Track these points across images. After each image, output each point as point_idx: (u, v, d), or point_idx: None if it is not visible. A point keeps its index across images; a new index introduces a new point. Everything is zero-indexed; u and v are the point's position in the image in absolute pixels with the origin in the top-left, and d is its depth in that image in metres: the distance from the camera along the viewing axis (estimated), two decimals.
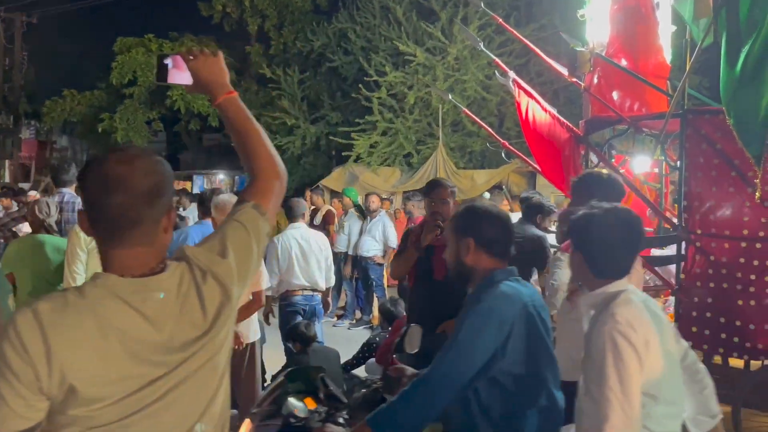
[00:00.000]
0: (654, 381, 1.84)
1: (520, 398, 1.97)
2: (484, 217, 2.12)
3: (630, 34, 4.94)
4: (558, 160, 4.61)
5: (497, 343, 1.93)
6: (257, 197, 1.51)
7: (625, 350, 1.79)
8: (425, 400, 1.90)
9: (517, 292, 2.03)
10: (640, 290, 2.10)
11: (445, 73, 13.07)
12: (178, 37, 19.68)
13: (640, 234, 2.00)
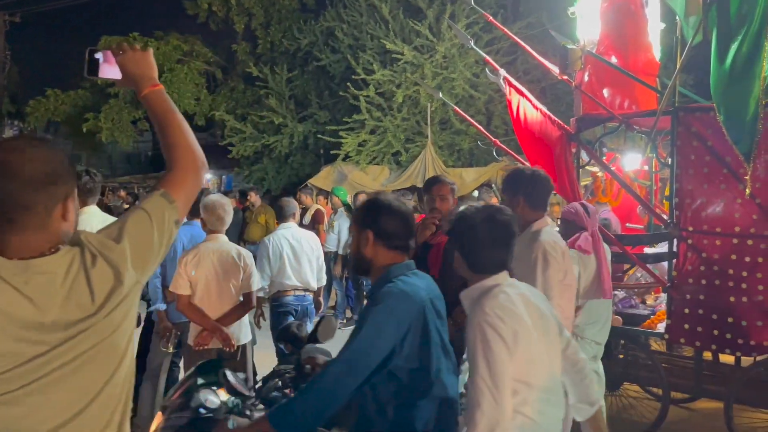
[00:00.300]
0: (527, 369, 1.95)
1: (414, 390, 2.03)
2: (384, 211, 2.15)
3: (620, 32, 4.95)
4: (549, 158, 4.59)
5: (395, 341, 1.99)
6: (169, 186, 1.56)
7: (493, 340, 1.89)
8: (323, 396, 1.94)
9: (414, 288, 2.08)
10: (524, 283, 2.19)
11: (433, 71, 13.05)
12: (164, 35, 19.48)
13: (506, 230, 2.07)
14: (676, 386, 4.62)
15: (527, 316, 2.00)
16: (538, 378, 1.99)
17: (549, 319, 2.12)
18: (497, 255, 2.08)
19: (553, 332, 2.11)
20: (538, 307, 2.09)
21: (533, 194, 3.15)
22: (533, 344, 1.98)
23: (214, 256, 3.83)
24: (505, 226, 2.08)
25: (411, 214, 2.20)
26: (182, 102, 17.63)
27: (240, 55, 18.63)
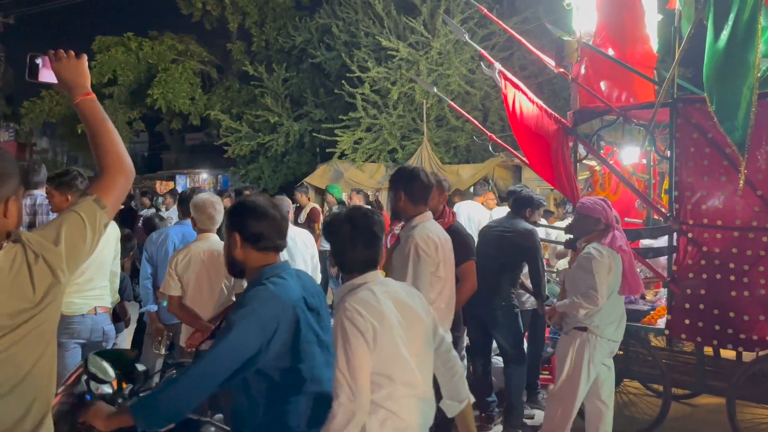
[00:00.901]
0: (389, 363, 2.02)
1: (286, 387, 2.08)
2: (250, 212, 2.18)
3: (617, 23, 4.88)
4: (546, 152, 4.52)
5: (261, 342, 2.01)
6: (100, 191, 1.71)
7: (352, 334, 1.96)
8: (185, 391, 1.99)
9: (284, 289, 2.10)
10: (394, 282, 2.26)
11: (429, 67, 12.97)
12: (158, 35, 19.38)
13: (368, 232, 2.13)
14: (678, 382, 4.55)
15: (393, 313, 2.07)
16: (402, 373, 2.05)
17: (421, 317, 2.18)
18: (361, 255, 2.14)
19: (424, 330, 2.18)
20: (409, 305, 2.16)
21: (413, 190, 3.28)
22: (397, 340, 2.04)
23: (204, 256, 3.74)
24: (366, 227, 2.14)
25: (280, 215, 2.22)
26: (177, 102, 17.55)
27: (235, 54, 18.54)
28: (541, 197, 4.95)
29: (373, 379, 2.01)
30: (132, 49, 18.30)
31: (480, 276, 4.75)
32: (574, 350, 3.79)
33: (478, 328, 4.76)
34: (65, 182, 3.97)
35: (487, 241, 4.80)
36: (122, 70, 18.07)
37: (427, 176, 3.33)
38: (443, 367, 2.27)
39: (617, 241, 3.73)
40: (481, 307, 4.67)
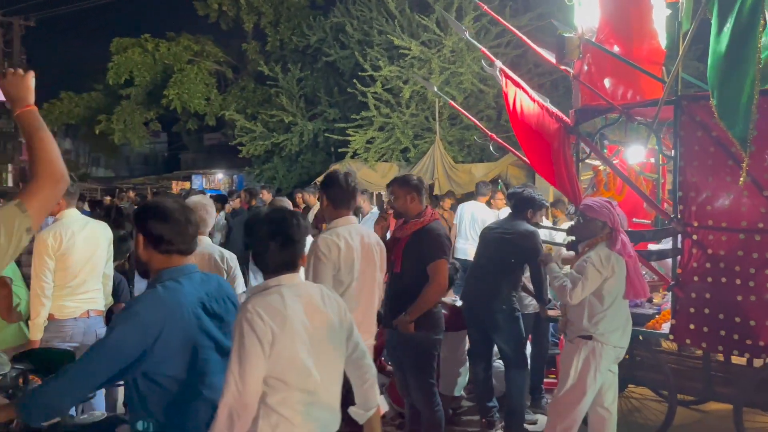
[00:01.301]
0: (286, 368, 2.00)
1: (178, 392, 2.06)
2: (152, 215, 2.18)
3: (622, 19, 4.73)
4: (547, 152, 4.40)
5: (145, 345, 2.00)
6: (24, 196, 1.75)
7: (248, 337, 1.95)
8: (62, 389, 2.01)
9: (174, 294, 2.09)
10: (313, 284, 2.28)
11: (441, 66, 12.86)
12: (175, 36, 19.54)
13: (282, 233, 2.11)
14: (684, 389, 4.41)
15: (300, 317, 2.05)
16: (300, 379, 2.03)
17: (333, 323, 2.16)
18: (277, 257, 2.11)
19: (336, 337, 2.17)
20: (322, 310, 2.14)
21: (333, 195, 3.33)
22: (298, 346, 2.02)
23: (195, 259, 3.68)
24: (282, 229, 2.12)
25: (186, 220, 2.19)
26: (192, 102, 17.67)
27: (250, 54, 18.61)
28: (543, 198, 4.82)
29: (269, 383, 1.99)
30: (149, 50, 18.49)
31: (480, 278, 4.67)
32: (579, 360, 3.69)
33: (479, 331, 4.67)
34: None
35: (487, 243, 4.70)
36: (139, 71, 18.26)
37: (347, 182, 3.35)
38: (354, 373, 2.28)
39: (627, 248, 3.63)
40: (481, 310, 4.58)
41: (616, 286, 3.65)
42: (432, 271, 3.67)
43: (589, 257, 3.63)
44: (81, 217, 4.09)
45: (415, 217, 3.80)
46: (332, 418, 2.15)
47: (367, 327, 3.39)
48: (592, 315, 3.66)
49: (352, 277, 3.24)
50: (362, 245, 3.33)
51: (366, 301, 3.38)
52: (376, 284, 3.44)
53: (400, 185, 3.87)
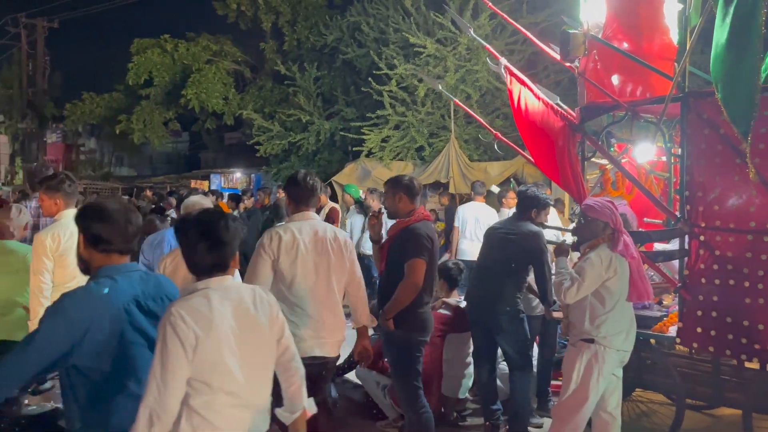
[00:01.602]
0: (209, 371, 2.03)
1: (106, 386, 2.11)
2: (90, 215, 2.26)
3: (631, 14, 4.62)
4: (552, 150, 4.32)
5: (73, 339, 2.05)
6: None
7: (170, 340, 1.98)
8: None
9: (101, 290, 2.15)
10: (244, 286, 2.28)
11: (456, 63, 12.75)
12: (195, 36, 19.68)
13: (212, 235, 2.13)
14: (693, 393, 4.30)
15: (227, 320, 2.08)
16: (224, 382, 2.06)
17: (262, 326, 2.19)
18: (205, 259, 2.14)
19: (265, 339, 2.21)
20: (251, 312, 2.16)
21: (292, 193, 3.51)
22: (223, 349, 2.05)
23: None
24: (211, 231, 2.14)
25: (125, 220, 2.25)
26: (210, 101, 17.77)
27: (268, 53, 18.66)
28: (549, 197, 4.73)
29: (193, 385, 2.02)
30: (168, 50, 18.63)
31: (484, 279, 4.60)
32: (582, 363, 3.62)
33: (483, 332, 4.61)
34: (52, 186, 4.00)
35: (491, 243, 4.63)
36: (158, 72, 18.41)
37: (305, 181, 3.48)
38: (283, 376, 2.32)
39: (628, 249, 3.54)
40: (484, 312, 4.51)
41: (618, 288, 3.56)
42: (407, 269, 3.68)
43: (588, 258, 3.55)
44: None
45: (404, 216, 3.84)
46: (259, 419, 2.18)
47: (327, 321, 3.42)
48: (594, 317, 3.58)
49: (296, 268, 3.32)
50: (314, 239, 3.39)
51: (318, 298, 3.38)
52: (332, 280, 3.43)
53: (391, 185, 3.93)
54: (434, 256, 3.88)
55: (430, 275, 3.82)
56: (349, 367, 5.27)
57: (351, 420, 4.92)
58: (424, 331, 3.85)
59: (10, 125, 29.18)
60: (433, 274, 3.90)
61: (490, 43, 12.84)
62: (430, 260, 3.81)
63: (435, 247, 3.85)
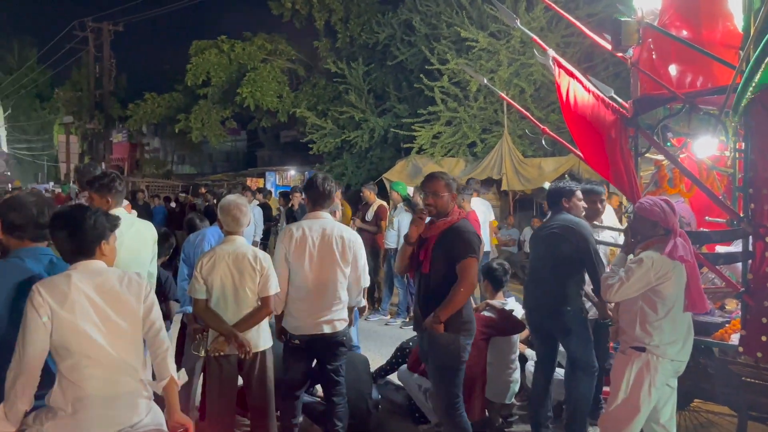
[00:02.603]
0: (68, 338, 2.36)
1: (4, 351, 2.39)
2: (9, 206, 2.67)
3: (690, 0, 4.32)
4: (602, 146, 4.09)
5: None
6: None
7: (29, 310, 2.34)
8: None
9: (10, 268, 2.59)
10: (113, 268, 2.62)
11: (510, 57, 12.45)
12: (251, 36, 20.01)
13: (69, 224, 2.48)
14: (756, 405, 3.99)
15: (89, 296, 2.41)
16: (84, 348, 2.38)
17: (129, 303, 2.50)
18: (66, 245, 2.50)
19: (130, 314, 2.50)
20: (117, 290, 2.49)
21: (310, 195, 4.00)
22: (81, 319, 2.38)
23: (229, 259, 3.69)
24: (66, 222, 2.50)
25: (39, 211, 2.67)
26: (265, 100, 18.02)
27: (321, 51, 18.77)
28: (571, 184, 4.52)
29: (58, 351, 2.37)
30: (224, 51, 19.00)
31: (538, 281, 4.42)
32: (632, 373, 3.41)
33: (543, 337, 4.43)
34: (104, 185, 4.06)
35: (538, 244, 4.46)
36: (215, 72, 18.80)
37: (323, 186, 3.94)
38: (150, 348, 2.59)
39: (677, 251, 3.29)
40: (545, 315, 4.33)
41: (673, 294, 3.33)
42: (461, 270, 3.59)
43: (639, 258, 3.34)
44: (128, 217, 4.17)
45: (444, 215, 3.72)
46: (124, 380, 2.47)
47: (327, 304, 3.91)
48: (645, 324, 3.36)
49: (303, 261, 3.82)
50: (322, 237, 3.88)
51: (321, 285, 3.89)
52: (335, 271, 3.92)
53: (431, 182, 3.79)
54: (480, 254, 3.81)
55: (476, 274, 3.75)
56: (390, 369, 5.18)
57: (393, 422, 4.84)
58: (469, 333, 3.76)
59: (79, 126, 30.52)
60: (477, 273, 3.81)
61: (545, 36, 12.50)
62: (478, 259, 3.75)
63: (482, 245, 3.82)
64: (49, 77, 40.71)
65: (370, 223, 8.31)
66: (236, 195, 3.96)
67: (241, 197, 3.90)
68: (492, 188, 13.62)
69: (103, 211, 2.64)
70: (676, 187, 4.64)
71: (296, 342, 3.92)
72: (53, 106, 37.19)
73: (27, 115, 42.34)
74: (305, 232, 3.87)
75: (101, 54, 26.86)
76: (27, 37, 45.58)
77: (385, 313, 8.34)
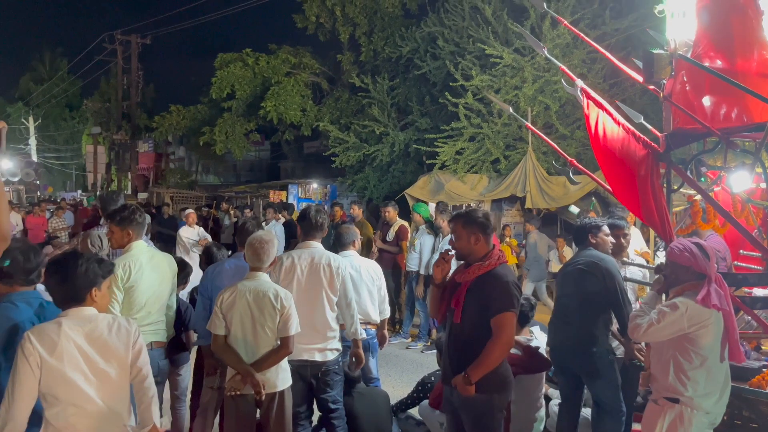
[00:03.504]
0: (55, 386, 2.45)
1: None
2: None
3: (723, 29, 4.16)
4: (632, 182, 3.95)
5: None
6: None
7: (19, 357, 2.41)
8: None
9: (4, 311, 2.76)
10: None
11: (535, 74, 12.29)
12: (276, 49, 20.12)
13: (59, 272, 2.59)
14: None
15: (78, 344, 2.49)
16: (72, 395, 2.47)
17: (117, 350, 2.58)
18: (58, 292, 2.61)
19: (117, 361, 2.58)
20: (105, 338, 2.56)
21: (303, 227, 4.27)
22: (69, 367, 2.46)
23: (250, 296, 3.63)
24: (57, 270, 2.61)
25: (26, 258, 2.87)
26: (288, 113, 18.07)
27: (345, 65, 18.80)
28: (595, 220, 4.40)
29: (47, 398, 2.45)
30: (249, 64, 19.12)
31: (564, 319, 4.28)
32: (664, 425, 3.25)
33: (569, 378, 4.29)
34: (125, 218, 4.04)
35: (566, 281, 4.33)
36: (240, 85, 18.92)
37: (316, 218, 4.22)
38: (136, 395, 2.66)
39: (711, 299, 3.12)
40: (570, 354, 4.19)
41: (709, 343, 3.17)
42: (496, 324, 3.23)
43: (674, 302, 3.19)
44: (148, 249, 4.15)
45: (480, 259, 3.37)
46: (108, 428, 2.54)
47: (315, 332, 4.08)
48: (679, 373, 3.21)
49: (291, 287, 4.00)
50: (310, 265, 4.11)
51: (309, 312, 4.03)
52: (322, 297, 4.10)
53: (463, 224, 3.43)
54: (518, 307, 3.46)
55: None
56: (411, 403, 5.06)
57: None
58: (505, 391, 3.40)
59: (106, 136, 31.00)
60: None
61: (571, 53, 12.34)
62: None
63: (521, 293, 3.48)
64: (78, 88, 41.49)
65: (391, 244, 8.22)
66: (264, 232, 3.90)
67: (269, 233, 3.84)
68: (516, 204, 13.44)
69: (97, 258, 2.73)
70: (710, 223, 4.47)
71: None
72: (82, 116, 37.91)
73: (57, 124, 43.19)
74: (294, 260, 4.10)
75: (129, 66, 27.26)
76: (59, 48, 46.67)
77: (406, 336, 8.23)
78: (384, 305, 5.04)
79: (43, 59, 46.23)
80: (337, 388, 4.19)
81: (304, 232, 4.25)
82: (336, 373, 4.17)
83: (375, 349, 5.05)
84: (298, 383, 3.99)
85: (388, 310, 5.14)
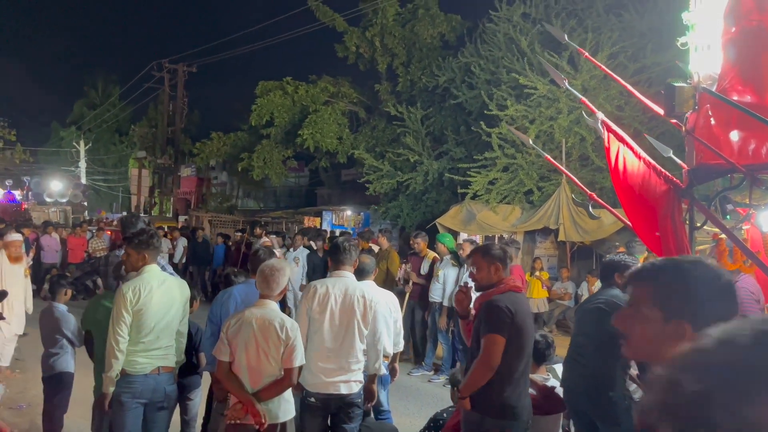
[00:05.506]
0: None
1: None
2: None
3: (751, 63, 4.02)
4: (653, 219, 3.81)
5: None
6: None
7: None
8: None
9: None
10: None
11: (570, 105, 12.16)
12: (316, 78, 20.50)
13: None
14: None
15: None
16: None
17: None
18: None
19: None
20: None
21: (334, 257, 4.20)
22: None
23: (256, 324, 3.60)
24: None
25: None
26: (324, 141, 18.31)
27: (382, 94, 19.00)
28: (627, 259, 4.20)
29: None
30: (288, 92, 19.51)
31: (578, 360, 4.12)
32: None
33: (583, 422, 4.11)
34: (143, 242, 4.09)
35: (584, 319, 4.17)
36: (279, 113, 19.31)
37: (345, 247, 4.16)
38: None
39: None
40: (583, 397, 4.02)
41: None
42: (482, 346, 3.45)
43: None
44: (160, 274, 4.18)
45: (491, 286, 3.57)
46: None
47: (345, 364, 3.96)
48: None
49: (324, 318, 3.91)
50: (344, 295, 4.00)
51: (340, 343, 3.95)
52: (353, 328, 3.97)
53: (482, 255, 3.64)
54: (521, 332, 3.48)
55: (516, 353, 3.46)
56: None
57: None
58: (504, 419, 3.46)
59: (152, 160, 31.91)
60: (520, 352, 3.51)
61: (609, 84, 12.16)
62: (515, 336, 3.43)
63: (519, 320, 3.48)
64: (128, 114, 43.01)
65: (425, 277, 8.12)
66: (276, 260, 3.91)
67: (281, 261, 3.85)
68: (549, 237, 13.20)
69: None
70: (737, 262, 4.27)
71: (312, 400, 3.93)
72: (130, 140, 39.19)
73: (106, 148, 44.73)
74: (329, 289, 3.99)
75: (175, 93, 28.12)
76: (111, 76, 48.56)
77: (429, 369, 8.07)
78: (398, 338, 4.96)
79: (96, 86, 48.16)
80: (356, 421, 4.09)
81: (334, 261, 4.19)
82: (358, 406, 4.09)
83: (387, 381, 4.95)
84: (317, 418, 3.96)
85: (402, 344, 5.06)
